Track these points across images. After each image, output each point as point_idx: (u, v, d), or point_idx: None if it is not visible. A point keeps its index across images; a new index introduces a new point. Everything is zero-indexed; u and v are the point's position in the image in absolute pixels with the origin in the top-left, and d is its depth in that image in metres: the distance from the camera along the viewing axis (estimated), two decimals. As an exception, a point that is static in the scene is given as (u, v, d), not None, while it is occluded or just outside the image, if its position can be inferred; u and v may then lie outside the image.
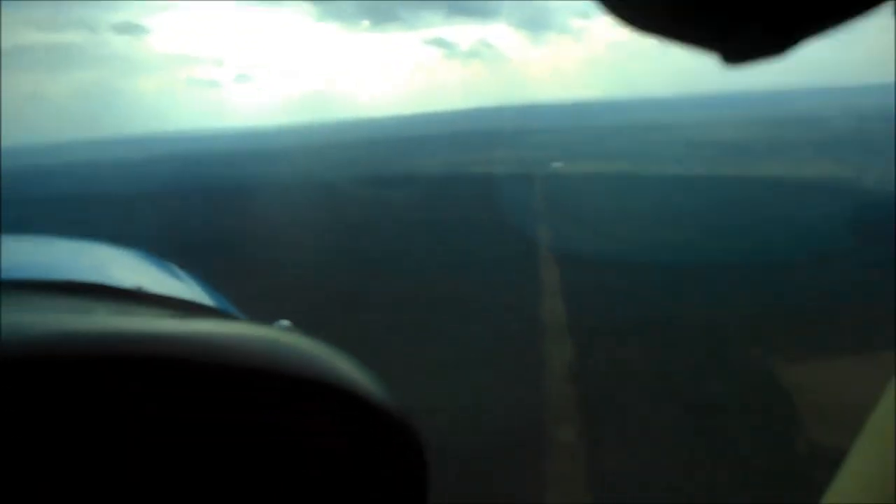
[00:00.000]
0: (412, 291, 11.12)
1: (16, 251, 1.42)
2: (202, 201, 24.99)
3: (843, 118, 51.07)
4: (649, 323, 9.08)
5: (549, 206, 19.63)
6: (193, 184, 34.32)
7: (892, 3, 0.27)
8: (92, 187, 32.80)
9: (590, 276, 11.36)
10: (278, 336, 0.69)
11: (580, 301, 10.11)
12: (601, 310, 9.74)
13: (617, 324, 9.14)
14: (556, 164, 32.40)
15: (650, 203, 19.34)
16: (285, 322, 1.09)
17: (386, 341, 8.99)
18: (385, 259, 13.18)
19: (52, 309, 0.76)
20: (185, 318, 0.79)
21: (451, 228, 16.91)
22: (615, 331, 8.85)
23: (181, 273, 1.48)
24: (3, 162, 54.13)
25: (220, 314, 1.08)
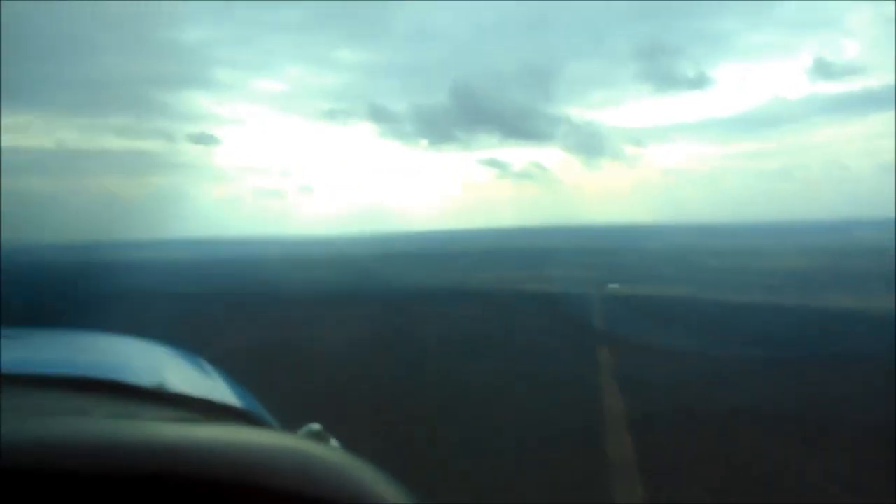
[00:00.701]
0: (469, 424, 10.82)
1: (39, 345, 1.44)
2: (263, 303, 25.43)
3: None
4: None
5: (611, 328, 19.23)
6: (251, 286, 35.17)
7: None
8: (154, 284, 33.86)
9: (653, 403, 10.87)
10: (306, 449, 0.64)
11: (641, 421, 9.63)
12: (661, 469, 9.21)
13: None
14: (613, 286, 32.13)
15: (716, 329, 18.76)
16: (316, 426, 1.03)
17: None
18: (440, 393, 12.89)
19: (62, 408, 0.72)
20: (206, 423, 0.74)
21: (515, 346, 16.65)
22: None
23: (209, 369, 1.45)
24: (82, 256, 57.06)
25: (245, 416, 1.03)
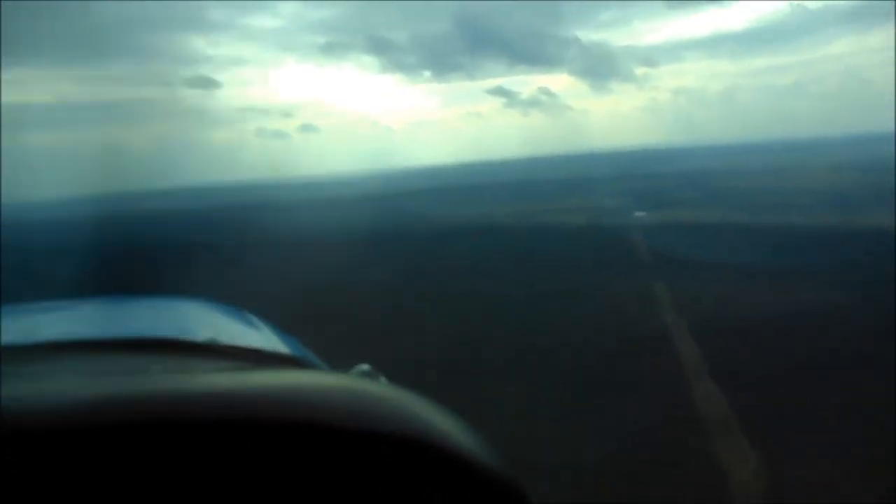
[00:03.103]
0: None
1: (85, 312, 1.46)
2: (276, 250, 25.02)
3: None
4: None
5: (657, 258, 18.65)
6: (259, 234, 34.54)
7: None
8: (167, 236, 33.42)
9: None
10: (362, 387, 0.64)
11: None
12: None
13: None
14: (639, 214, 31.39)
15: (766, 255, 18.13)
16: (365, 366, 1.01)
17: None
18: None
19: (119, 369, 0.72)
20: (261, 371, 0.74)
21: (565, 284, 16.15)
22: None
23: (256, 321, 1.41)
24: (89, 211, 56.57)
25: (297, 362, 1.02)
